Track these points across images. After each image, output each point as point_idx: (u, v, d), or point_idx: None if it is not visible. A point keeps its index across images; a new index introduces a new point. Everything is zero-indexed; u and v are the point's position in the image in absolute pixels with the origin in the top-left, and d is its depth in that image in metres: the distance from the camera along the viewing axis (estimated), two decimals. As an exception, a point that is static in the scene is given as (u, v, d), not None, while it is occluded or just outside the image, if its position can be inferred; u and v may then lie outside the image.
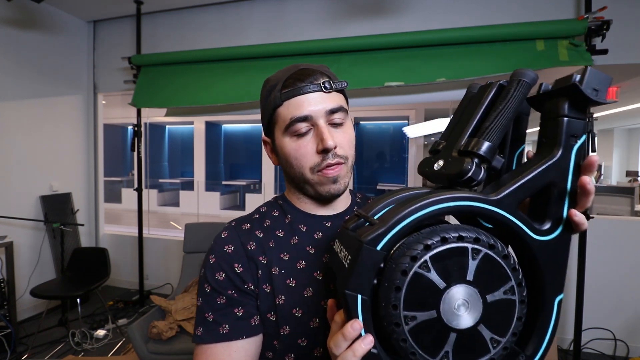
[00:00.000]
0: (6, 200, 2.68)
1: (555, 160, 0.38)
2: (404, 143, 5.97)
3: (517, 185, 0.37)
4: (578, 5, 2.20)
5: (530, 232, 0.38)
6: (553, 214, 0.39)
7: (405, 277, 0.34)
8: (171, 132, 9.30)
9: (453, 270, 0.34)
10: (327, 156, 0.54)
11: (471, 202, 0.36)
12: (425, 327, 0.34)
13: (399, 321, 0.34)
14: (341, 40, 2.42)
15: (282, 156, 0.58)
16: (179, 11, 3.03)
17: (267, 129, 0.61)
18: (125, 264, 3.44)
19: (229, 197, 8.23)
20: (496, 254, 0.35)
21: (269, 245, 0.58)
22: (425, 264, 0.34)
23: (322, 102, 0.54)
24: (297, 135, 0.55)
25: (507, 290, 0.36)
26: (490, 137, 0.38)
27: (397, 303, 0.34)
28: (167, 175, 9.25)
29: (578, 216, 0.39)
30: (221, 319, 0.54)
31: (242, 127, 8.63)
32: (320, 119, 0.54)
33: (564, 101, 0.38)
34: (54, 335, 2.53)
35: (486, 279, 0.35)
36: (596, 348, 2.33)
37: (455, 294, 0.34)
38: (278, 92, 0.55)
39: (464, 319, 0.35)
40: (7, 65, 2.69)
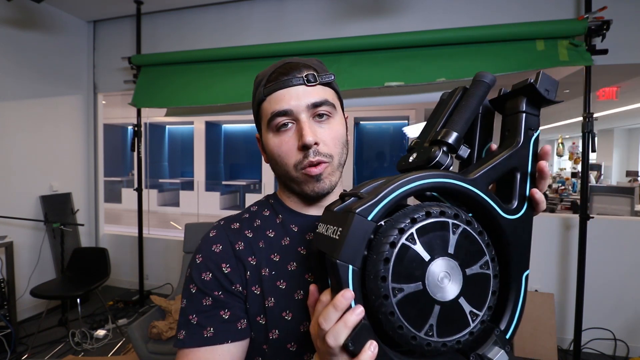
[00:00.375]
0: (6, 200, 2.68)
1: (517, 148, 0.43)
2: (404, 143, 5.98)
3: (488, 167, 0.41)
4: (578, 5, 2.20)
5: (501, 211, 0.41)
6: (518, 194, 0.44)
7: (393, 248, 0.34)
8: (171, 132, 9.30)
9: (436, 244, 0.36)
10: (308, 153, 0.51)
11: (453, 180, 0.39)
12: (412, 299, 0.35)
13: (388, 293, 0.34)
14: (341, 40, 2.42)
15: (269, 153, 0.56)
16: (179, 11, 3.03)
17: (257, 125, 0.60)
18: (125, 264, 3.44)
19: (229, 197, 8.23)
20: (472, 230, 0.38)
21: (258, 246, 0.56)
22: (412, 237, 0.35)
23: (305, 95, 0.52)
24: (279, 131, 0.53)
25: (483, 265, 0.38)
26: (456, 127, 0.42)
27: (386, 275, 0.34)
28: (167, 175, 9.25)
29: (538, 194, 0.43)
30: (206, 322, 0.51)
31: (242, 127, 8.63)
32: (301, 113, 0.52)
33: (522, 99, 0.44)
34: (54, 335, 2.53)
35: (465, 253, 0.37)
36: (596, 348, 2.33)
37: (439, 266, 0.36)
38: (262, 86, 0.54)
39: (447, 291, 0.36)
40: (7, 65, 2.69)
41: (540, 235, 2.40)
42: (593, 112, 2.04)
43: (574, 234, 2.25)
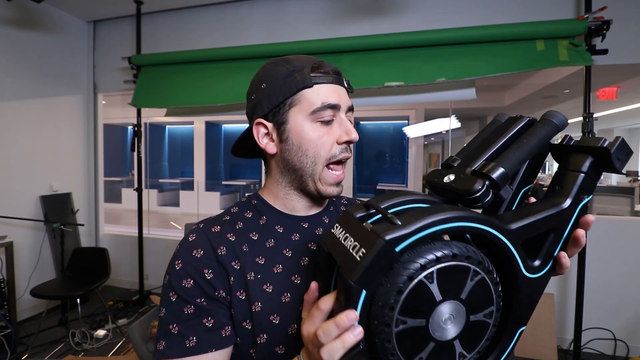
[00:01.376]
0: (6, 200, 2.68)
1: (563, 210, 0.41)
2: (404, 143, 5.98)
3: (528, 222, 0.39)
4: (578, 5, 2.20)
5: (524, 269, 0.40)
6: (545, 255, 0.42)
7: (410, 282, 0.34)
8: (171, 132, 9.30)
9: (452, 286, 0.35)
10: (346, 149, 0.54)
11: (493, 230, 0.36)
12: (411, 332, 0.35)
13: (391, 323, 0.34)
14: (341, 40, 2.42)
15: (296, 142, 0.53)
16: (179, 11, 3.03)
17: (275, 110, 0.54)
18: (125, 264, 3.44)
19: (229, 197, 8.22)
20: (490, 280, 0.37)
21: (242, 249, 0.54)
22: (431, 275, 0.34)
23: (347, 97, 0.56)
24: (322, 122, 0.53)
25: (487, 314, 0.38)
26: (507, 165, 0.39)
27: (395, 305, 0.34)
28: (167, 175, 9.25)
29: (565, 259, 0.42)
30: (187, 331, 0.49)
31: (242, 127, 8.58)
32: (343, 113, 0.55)
33: (587, 159, 0.41)
34: (54, 335, 2.53)
35: (475, 300, 0.37)
36: (596, 348, 2.33)
37: (447, 308, 0.36)
38: (307, 74, 0.52)
39: (446, 332, 0.36)
40: (7, 65, 2.69)
41: (540, 235, 2.39)
42: (593, 112, 2.04)
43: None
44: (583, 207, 0.42)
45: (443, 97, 2.35)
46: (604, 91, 4.38)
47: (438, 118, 4.97)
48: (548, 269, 0.42)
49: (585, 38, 2.06)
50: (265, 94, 0.55)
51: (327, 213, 0.63)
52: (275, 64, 0.56)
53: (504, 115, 0.49)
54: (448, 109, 4.47)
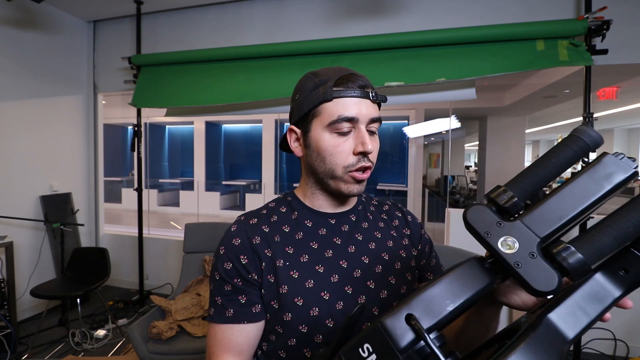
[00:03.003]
0: (6, 200, 2.68)
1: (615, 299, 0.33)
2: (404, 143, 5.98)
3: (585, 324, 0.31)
4: (578, 5, 2.20)
5: None
6: None
7: None
8: (171, 132, 9.30)
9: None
10: (363, 159, 0.59)
11: None
12: None
13: None
14: (341, 40, 2.42)
15: (315, 149, 0.61)
16: (179, 11, 3.03)
17: (302, 119, 0.62)
18: (125, 264, 3.44)
19: (229, 197, 8.23)
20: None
21: (274, 240, 0.62)
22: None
23: (368, 109, 0.58)
24: (338, 133, 0.58)
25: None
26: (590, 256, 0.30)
27: None
28: (167, 175, 9.24)
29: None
30: (227, 304, 0.60)
31: (242, 127, 8.63)
32: (362, 124, 0.58)
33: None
34: (54, 335, 2.53)
35: None
36: (596, 348, 2.33)
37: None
38: (330, 88, 0.58)
39: None
40: (7, 65, 2.69)
41: (540, 235, 2.39)
42: (593, 112, 2.04)
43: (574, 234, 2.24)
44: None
45: (443, 97, 2.35)
46: (604, 91, 4.38)
47: (438, 118, 4.97)
48: None
49: (585, 38, 2.06)
50: (297, 103, 0.63)
51: (355, 212, 0.70)
52: (307, 77, 0.63)
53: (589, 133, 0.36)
54: (448, 109, 4.47)
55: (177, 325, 1.98)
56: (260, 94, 2.49)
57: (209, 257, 2.35)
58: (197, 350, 1.83)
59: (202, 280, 2.33)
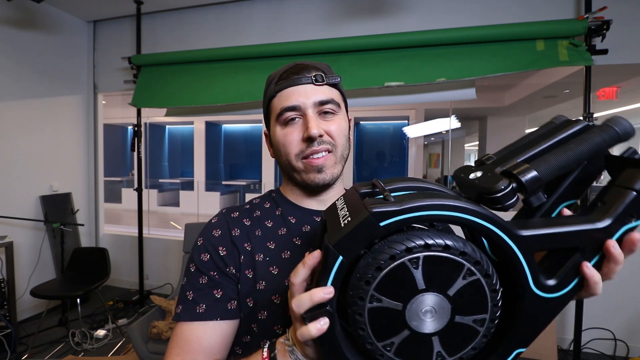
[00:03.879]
0: (6, 200, 2.68)
1: (598, 228, 0.35)
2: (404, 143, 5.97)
3: (546, 232, 0.34)
4: (578, 5, 2.20)
5: (532, 283, 0.35)
6: (564, 275, 0.36)
7: (391, 262, 0.33)
8: (171, 132, 9.30)
9: (439, 279, 0.33)
10: (312, 144, 0.56)
11: (495, 228, 0.33)
12: (385, 313, 0.34)
13: (364, 296, 0.33)
14: (341, 40, 2.42)
15: (275, 145, 0.61)
16: (179, 11, 3.03)
17: (266, 121, 0.64)
18: (125, 264, 3.44)
19: (229, 197, 8.22)
20: (487, 284, 0.34)
21: (255, 233, 0.60)
22: (416, 261, 0.32)
23: (313, 93, 0.57)
24: (286, 124, 0.58)
25: (477, 320, 0.35)
26: (542, 169, 0.34)
27: (372, 281, 0.33)
28: (167, 175, 9.24)
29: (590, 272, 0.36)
30: (200, 299, 0.55)
31: (242, 127, 8.63)
32: (309, 109, 0.57)
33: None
34: (54, 335, 2.53)
35: (465, 301, 0.34)
36: (596, 348, 2.33)
37: (428, 299, 0.34)
38: (274, 84, 0.59)
39: (424, 324, 0.34)
40: (7, 65, 2.69)
41: (540, 235, 2.39)
42: (593, 112, 2.04)
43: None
44: (627, 231, 0.35)
45: (443, 97, 2.35)
46: (604, 91, 4.38)
47: (438, 118, 4.96)
48: (567, 291, 0.36)
49: (585, 38, 2.06)
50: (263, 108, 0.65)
51: None
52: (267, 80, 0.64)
53: (561, 117, 0.43)
54: (448, 109, 4.47)
55: (177, 325, 1.98)
56: (260, 94, 2.48)
57: (209, 257, 2.34)
58: (197, 350, 1.83)
59: (202, 280, 2.33)
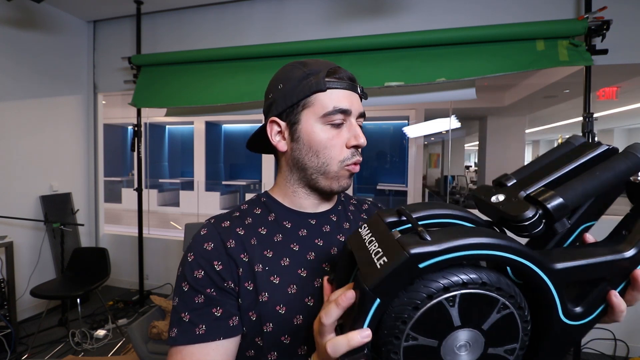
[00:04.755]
0: (6, 200, 2.68)
1: (624, 259, 0.35)
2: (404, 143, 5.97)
3: (578, 264, 0.35)
4: (578, 5, 2.20)
5: (562, 313, 0.36)
6: (590, 303, 0.37)
7: (428, 301, 0.32)
8: (171, 132, 9.30)
9: (474, 315, 0.33)
10: (357, 152, 0.57)
11: (532, 265, 0.33)
12: (420, 350, 0.34)
13: (400, 336, 0.33)
14: (341, 40, 2.42)
15: (307, 142, 0.56)
16: (179, 11, 3.03)
17: (289, 110, 0.57)
18: (125, 264, 3.44)
19: (229, 197, 8.22)
20: (520, 316, 0.34)
21: (250, 243, 0.56)
22: (453, 299, 0.32)
23: (359, 104, 0.58)
24: (332, 125, 0.56)
25: (509, 350, 0.35)
26: (569, 197, 0.35)
27: (408, 320, 0.33)
28: (167, 175, 9.25)
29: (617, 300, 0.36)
30: (198, 320, 0.52)
31: (242, 127, 8.63)
32: (353, 117, 0.57)
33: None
34: (54, 335, 2.53)
35: (498, 333, 0.34)
36: (596, 348, 2.33)
37: (463, 334, 0.34)
38: (322, 78, 0.55)
39: (458, 358, 0.34)
40: (7, 66, 2.69)
41: (540, 235, 2.39)
42: (593, 112, 2.04)
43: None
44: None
45: (443, 97, 2.35)
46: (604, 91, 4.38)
47: (438, 118, 4.97)
48: (592, 318, 0.37)
49: (585, 38, 2.06)
50: (281, 94, 0.57)
51: (335, 211, 0.66)
52: (293, 66, 0.59)
53: (580, 139, 0.43)
54: (448, 109, 4.47)
55: (177, 325, 1.98)
56: (260, 94, 2.49)
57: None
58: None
59: (202, 280, 2.33)
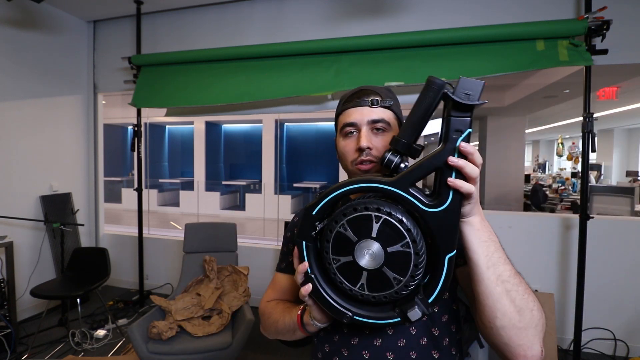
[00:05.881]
0: (6, 200, 2.68)
1: (439, 152, 0.49)
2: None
3: (409, 170, 0.51)
4: (578, 5, 2.20)
5: (421, 206, 0.50)
6: (439, 192, 0.51)
7: (331, 233, 0.53)
8: (171, 132, 9.30)
9: (363, 230, 0.51)
10: (362, 154, 0.69)
11: (372, 184, 0.51)
12: (346, 266, 0.53)
13: (330, 261, 0.54)
14: (341, 40, 2.42)
15: (338, 151, 0.77)
16: (179, 11, 3.03)
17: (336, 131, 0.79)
18: (125, 264, 3.44)
19: (229, 197, 8.22)
20: (393, 219, 0.49)
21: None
22: (344, 225, 0.52)
23: (368, 114, 0.70)
24: (346, 136, 0.73)
25: (404, 245, 0.50)
26: (403, 134, 0.53)
27: (328, 250, 0.54)
28: (167, 175, 9.24)
29: (454, 182, 0.49)
30: (283, 258, 0.85)
31: (242, 127, 8.62)
32: (363, 126, 0.70)
33: (449, 105, 0.49)
34: (54, 335, 2.53)
35: (387, 236, 0.50)
36: (596, 348, 2.33)
37: (365, 245, 0.51)
38: (341, 104, 0.76)
39: (371, 262, 0.51)
40: (7, 65, 2.69)
41: (540, 235, 2.40)
42: (593, 112, 2.04)
43: (574, 234, 2.25)
44: (463, 140, 0.49)
45: (443, 97, 2.35)
46: (604, 91, 4.38)
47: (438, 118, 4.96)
48: (451, 200, 0.50)
49: (585, 38, 2.06)
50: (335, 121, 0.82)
51: None
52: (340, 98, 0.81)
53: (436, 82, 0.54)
54: (448, 109, 4.45)
55: (177, 325, 1.98)
56: (260, 94, 2.49)
57: (209, 257, 2.35)
58: (197, 350, 1.83)
59: (202, 280, 2.33)
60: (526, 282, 0.56)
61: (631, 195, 4.08)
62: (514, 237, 2.43)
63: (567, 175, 7.93)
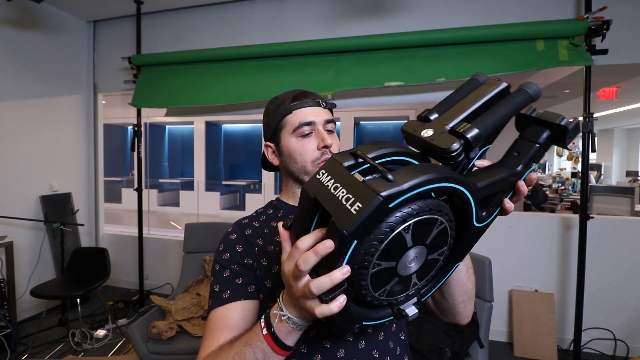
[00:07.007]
0: (6, 200, 2.68)
1: (517, 174, 0.47)
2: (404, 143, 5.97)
3: (491, 181, 0.45)
4: (578, 5, 2.20)
5: (475, 220, 0.45)
6: (492, 207, 0.48)
7: (391, 233, 0.37)
8: (171, 132, 9.30)
9: (421, 235, 0.40)
10: (325, 151, 0.70)
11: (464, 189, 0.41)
12: (382, 272, 0.41)
13: (369, 266, 0.39)
14: (341, 40, 2.42)
15: (287, 154, 0.73)
16: (179, 11, 3.03)
17: (273, 135, 0.75)
18: (125, 264, 3.44)
19: (229, 197, 8.22)
20: (450, 227, 0.43)
21: (264, 231, 0.74)
22: (408, 227, 0.38)
23: (321, 114, 0.72)
24: (302, 136, 0.71)
25: (440, 253, 0.44)
26: (483, 128, 0.42)
27: (375, 252, 0.38)
28: (167, 175, 9.25)
29: (509, 204, 0.49)
30: (224, 288, 0.67)
31: (242, 127, 8.63)
32: (319, 125, 0.71)
33: (545, 132, 0.46)
34: (54, 335, 2.53)
35: (435, 243, 0.42)
36: (596, 348, 2.33)
37: (413, 251, 0.41)
38: (288, 104, 0.72)
39: (408, 270, 0.43)
40: (7, 65, 2.69)
41: (540, 235, 2.40)
42: (593, 112, 2.04)
43: (574, 234, 2.25)
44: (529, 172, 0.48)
45: (443, 97, 2.35)
46: (604, 91, 4.38)
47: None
48: (491, 219, 0.48)
49: (585, 38, 2.06)
50: (266, 124, 0.77)
51: None
52: (270, 102, 0.77)
53: (483, 76, 0.53)
54: (448, 109, 4.45)
55: (177, 325, 1.98)
56: (260, 94, 2.49)
57: (209, 257, 2.35)
58: (197, 350, 1.83)
59: (202, 280, 2.33)
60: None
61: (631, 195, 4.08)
62: (514, 237, 2.43)
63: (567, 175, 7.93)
